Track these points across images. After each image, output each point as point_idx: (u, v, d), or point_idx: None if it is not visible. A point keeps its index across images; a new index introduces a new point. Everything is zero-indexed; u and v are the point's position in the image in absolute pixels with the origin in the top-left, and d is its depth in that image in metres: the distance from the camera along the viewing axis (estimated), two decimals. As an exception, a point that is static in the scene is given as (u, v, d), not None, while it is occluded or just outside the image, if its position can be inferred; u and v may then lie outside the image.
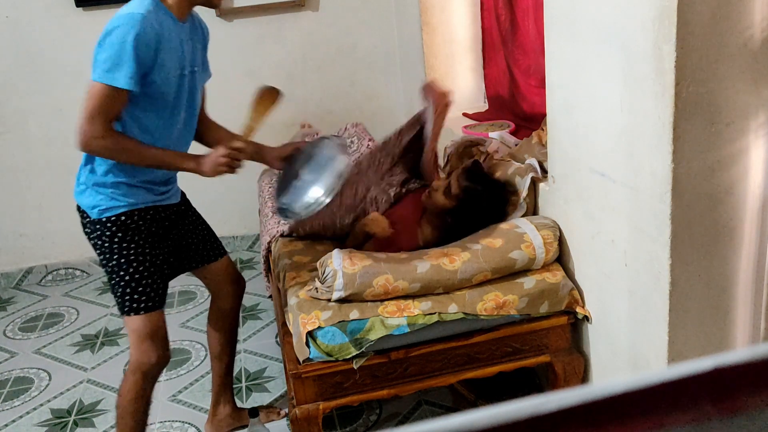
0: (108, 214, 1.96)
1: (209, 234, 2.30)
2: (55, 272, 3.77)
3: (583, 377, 2.11)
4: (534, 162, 2.22)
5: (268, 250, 2.61)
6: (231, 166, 1.93)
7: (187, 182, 3.72)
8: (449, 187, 2.16)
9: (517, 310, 1.97)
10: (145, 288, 2.00)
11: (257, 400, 2.55)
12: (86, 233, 2.03)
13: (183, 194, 2.27)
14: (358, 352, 1.89)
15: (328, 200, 1.89)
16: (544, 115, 2.18)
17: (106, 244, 1.98)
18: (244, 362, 2.79)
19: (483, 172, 2.27)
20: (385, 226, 2.16)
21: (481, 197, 2.15)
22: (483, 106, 3.37)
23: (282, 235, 2.56)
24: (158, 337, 2.05)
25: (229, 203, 3.82)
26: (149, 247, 2.02)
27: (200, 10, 3.58)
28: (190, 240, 2.23)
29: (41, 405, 2.66)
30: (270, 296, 2.81)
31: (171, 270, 2.19)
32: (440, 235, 2.21)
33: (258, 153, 2.15)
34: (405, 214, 2.22)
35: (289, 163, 2.11)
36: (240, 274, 2.39)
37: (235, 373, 2.71)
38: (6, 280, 3.76)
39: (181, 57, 1.95)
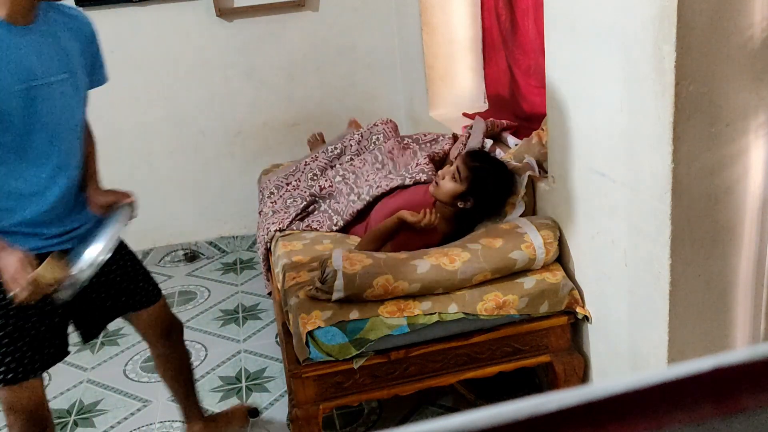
0: None
1: (135, 279, 1.97)
2: (55, 272, 3.77)
3: (583, 377, 2.11)
4: (532, 161, 2.23)
5: (267, 249, 2.62)
6: (20, 290, 1.56)
7: (185, 181, 3.74)
8: (457, 172, 2.21)
9: (517, 310, 1.97)
10: (3, 357, 1.69)
11: (257, 400, 2.55)
12: None
13: None
14: (358, 352, 1.89)
15: (81, 279, 1.62)
16: (544, 115, 2.18)
17: None
18: (244, 362, 2.79)
19: (486, 153, 2.35)
20: (422, 217, 2.17)
21: (491, 174, 2.21)
22: (483, 106, 3.38)
23: (280, 230, 2.56)
24: (22, 412, 1.74)
25: (229, 203, 3.83)
26: (17, 308, 1.65)
27: (197, 11, 3.54)
28: (107, 290, 1.90)
29: (41, 405, 2.66)
30: (269, 293, 2.81)
31: (81, 325, 1.91)
32: (454, 226, 2.25)
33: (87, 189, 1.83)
34: (415, 209, 2.23)
35: (107, 213, 1.79)
36: (175, 321, 2.13)
37: (235, 373, 2.71)
38: (6, 280, 3.76)
39: (22, 68, 1.58)
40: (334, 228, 2.53)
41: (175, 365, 2.17)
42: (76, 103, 1.75)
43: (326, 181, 2.72)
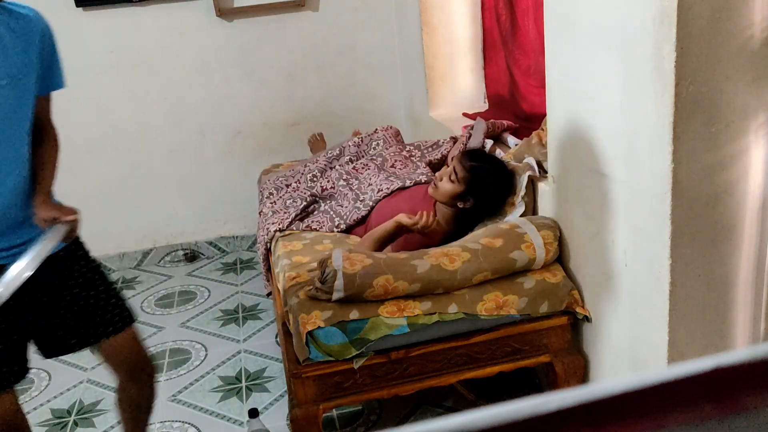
0: None
1: (102, 300, 1.80)
2: (55, 272, 3.77)
3: (583, 377, 2.11)
4: (532, 161, 2.22)
5: (267, 249, 2.62)
6: None
7: (185, 181, 3.74)
8: (454, 173, 2.20)
9: (517, 310, 1.97)
10: None
11: (257, 400, 2.55)
12: None
13: (75, 244, 1.78)
14: (358, 352, 1.89)
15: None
16: (544, 115, 2.18)
17: None
18: (244, 362, 2.79)
19: (483, 152, 2.34)
20: (419, 219, 2.16)
21: (489, 173, 2.21)
22: (483, 106, 3.38)
23: (280, 230, 2.57)
24: None
25: (229, 203, 3.83)
26: None
27: (197, 11, 3.54)
28: (69, 309, 1.76)
29: (41, 405, 2.66)
30: (268, 294, 2.81)
31: (41, 344, 1.79)
32: (454, 226, 2.26)
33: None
34: (416, 209, 2.23)
35: (48, 227, 1.64)
36: (147, 361, 1.91)
37: (235, 373, 2.71)
38: (6, 280, 3.76)
39: None
40: (336, 230, 2.53)
41: (135, 406, 1.94)
42: (20, 109, 1.62)
43: (328, 182, 2.73)
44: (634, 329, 1.78)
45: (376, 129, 2.98)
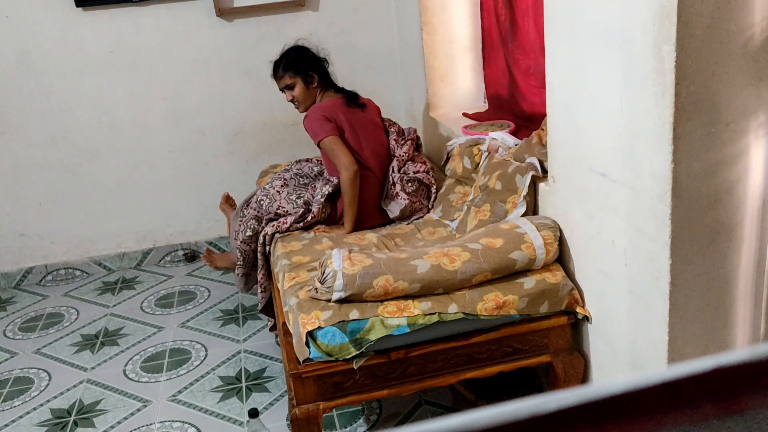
0: None
1: None
2: (55, 272, 3.77)
3: (583, 377, 2.11)
4: (534, 161, 2.22)
5: (264, 245, 2.63)
6: None
7: (185, 181, 3.74)
8: (286, 91, 2.83)
9: (517, 310, 1.97)
10: None
11: (257, 400, 2.55)
12: None
13: None
14: (358, 352, 1.89)
15: None
16: (544, 115, 2.18)
17: None
18: (244, 362, 2.79)
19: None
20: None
21: (280, 59, 2.84)
22: (483, 106, 3.38)
23: (279, 232, 2.57)
24: None
25: (229, 203, 3.82)
26: None
27: (197, 11, 3.54)
28: None
29: (41, 405, 2.66)
30: (261, 310, 2.77)
31: None
32: (326, 94, 2.80)
33: None
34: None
35: None
36: None
37: (235, 373, 2.71)
38: (6, 280, 3.77)
39: None
40: (322, 199, 2.64)
41: None
42: None
43: (314, 188, 2.77)
44: (634, 329, 1.78)
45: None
